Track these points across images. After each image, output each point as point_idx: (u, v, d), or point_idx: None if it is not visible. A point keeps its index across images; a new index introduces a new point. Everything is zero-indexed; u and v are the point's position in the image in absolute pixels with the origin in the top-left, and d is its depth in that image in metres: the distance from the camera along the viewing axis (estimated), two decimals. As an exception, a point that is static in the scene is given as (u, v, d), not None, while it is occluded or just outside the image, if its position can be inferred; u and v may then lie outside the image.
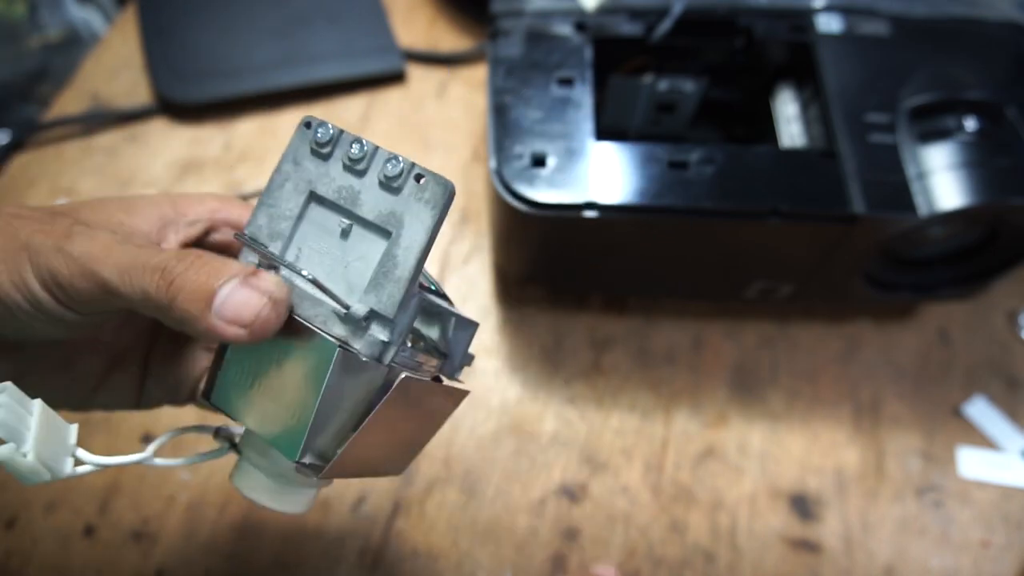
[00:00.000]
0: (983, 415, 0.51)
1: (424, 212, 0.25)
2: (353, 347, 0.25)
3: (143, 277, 0.25)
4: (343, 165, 0.27)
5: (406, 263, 0.25)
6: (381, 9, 0.68)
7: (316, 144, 0.27)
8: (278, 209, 0.27)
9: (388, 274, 0.25)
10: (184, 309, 0.24)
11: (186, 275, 0.25)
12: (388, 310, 0.25)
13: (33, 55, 0.68)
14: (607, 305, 0.55)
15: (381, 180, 0.26)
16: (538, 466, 0.49)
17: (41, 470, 0.23)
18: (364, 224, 0.26)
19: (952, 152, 0.43)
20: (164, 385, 0.33)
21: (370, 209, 0.26)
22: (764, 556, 0.46)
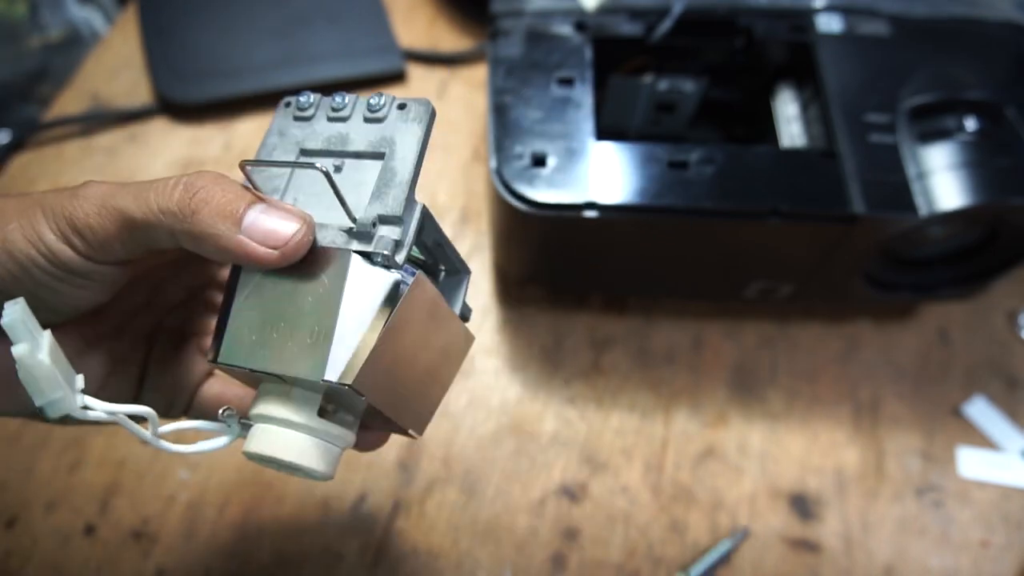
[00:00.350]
0: (983, 415, 0.51)
1: (413, 127, 0.27)
2: (367, 249, 0.25)
3: (162, 194, 0.24)
4: (327, 118, 0.28)
5: (404, 169, 0.26)
6: (381, 9, 0.68)
7: (299, 110, 0.29)
8: (270, 171, 0.28)
9: (389, 182, 0.26)
10: (209, 223, 0.24)
11: (209, 189, 0.25)
12: (395, 209, 0.26)
13: (33, 55, 0.68)
14: (607, 305, 0.55)
15: (366, 116, 0.28)
16: (538, 466, 0.49)
17: (58, 382, 0.22)
18: (356, 156, 0.28)
19: (952, 152, 0.43)
20: (160, 393, 0.33)
21: (360, 143, 0.27)
22: (764, 556, 0.46)
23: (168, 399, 0.33)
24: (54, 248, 0.25)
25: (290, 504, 0.47)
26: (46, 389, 0.22)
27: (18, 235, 0.25)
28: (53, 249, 0.25)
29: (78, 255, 0.25)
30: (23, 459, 0.48)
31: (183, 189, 0.25)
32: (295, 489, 0.47)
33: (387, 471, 0.48)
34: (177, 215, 0.24)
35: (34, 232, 0.25)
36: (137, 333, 0.32)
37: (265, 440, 0.26)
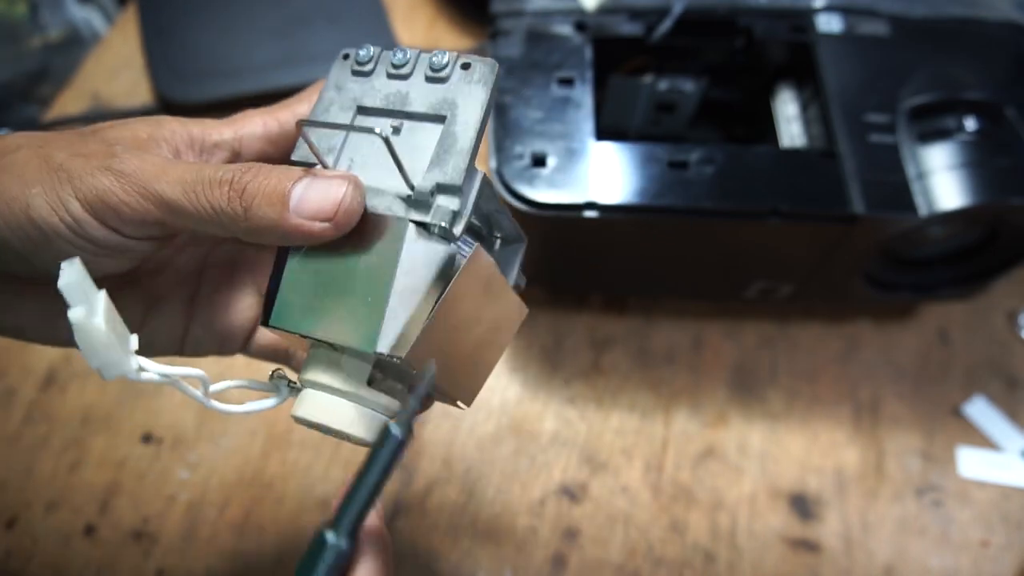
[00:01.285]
0: (983, 415, 0.51)
1: (476, 90, 0.26)
2: (424, 220, 0.25)
3: (211, 191, 0.24)
4: (387, 75, 0.27)
5: (466, 135, 0.25)
6: (381, 9, 0.68)
7: (357, 64, 0.28)
8: (327, 134, 0.27)
9: (449, 149, 0.25)
10: (260, 216, 0.24)
11: (256, 181, 0.24)
12: (455, 179, 0.25)
13: (34, 55, 0.68)
14: (607, 305, 0.55)
15: (427, 75, 0.26)
16: (538, 466, 0.49)
17: (113, 345, 0.21)
18: (416, 118, 0.27)
19: (952, 152, 0.43)
20: (211, 332, 0.31)
21: (420, 104, 0.26)
22: (764, 556, 0.46)
23: (219, 339, 0.31)
24: (81, 220, 0.24)
25: (290, 504, 0.47)
26: (101, 352, 0.21)
27: (41, 201, 0.23)
28: (80, 221, 0.24)
29: (107, 228, 0.24)
30: (23, 459, 0.48)
31: (230, 188, 0.24)
32: (295, 489, 0.47)
33: (387, 471, 0.48)
34: (227, 213, 0.24)
35: (59, 201, 0.23)
36: (181, 270, 0.31)
37: (314, 406, 0.26)
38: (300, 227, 0.24)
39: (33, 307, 0.27)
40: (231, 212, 0.24)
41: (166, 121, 0.27)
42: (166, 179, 0.24)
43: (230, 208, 0.24)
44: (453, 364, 0.27)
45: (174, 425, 0.49)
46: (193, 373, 0.25)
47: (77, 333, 0.21)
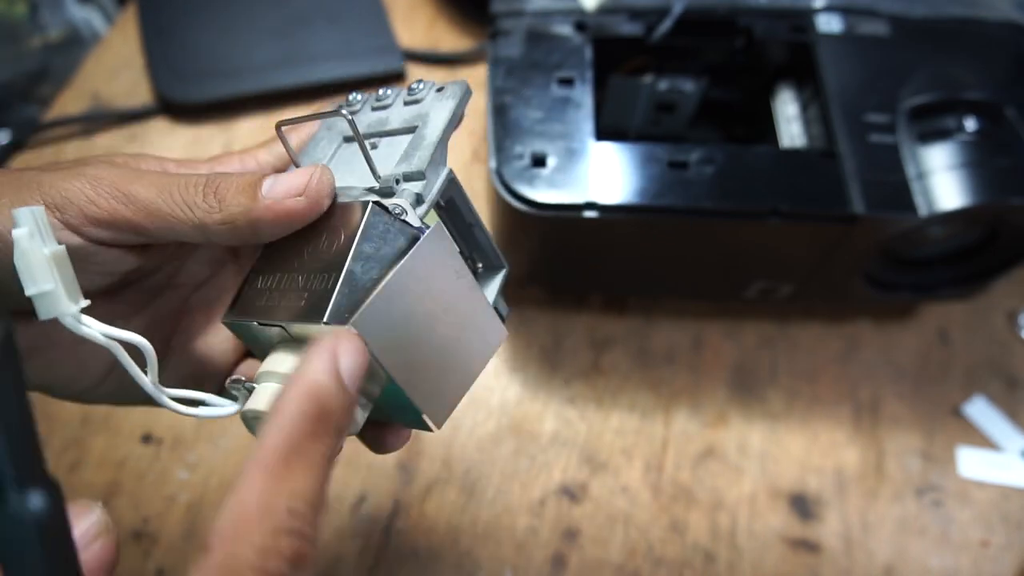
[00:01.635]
0: (983, 415, 0.51)
1: (447, 103, 0.27)
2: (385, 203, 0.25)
3: (185, 189, 0.24)
4: (371, 108, 0.29)
5: (433, 133, 0.27)
6: (381, 9, 0.68)
7: (348, 107, 0.30)
8: (313, 157, 0.29)
9: (417, 146, 0.26)
10: (234, 204, 0.24)
11: (229, 178, 0.25)
12: (419, 166, 0.26)
13: (34, 55, 0.68)
14: (607, 305, 0.55)
15: (405, 100, 0.29)
16: (538, 466, 0.49)
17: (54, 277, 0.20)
18: (392, 134, 0.28)
19: (952, 152, 0.43)
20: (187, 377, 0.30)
21: (396, 123, 0.28)
22: (764, 556, 0.46)
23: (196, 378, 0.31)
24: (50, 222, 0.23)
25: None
26: (39, 278, 0.20)
27: (7, 212, 0.23)
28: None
29: (78, 236, 0.24)
30: (23, 459, 0.48)
31: (205, 185, 0.25)
32: (295, 489, 0.47)
33: (387, 472, 0.48)
34: (204, 207, 0.24)
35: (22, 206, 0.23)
36: (157, 314, 0.30)
37: (261, 396, 0.24)
38: (271, 207, 0.24)
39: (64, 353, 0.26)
40: (205, 206, 0.24)
41: (144, 157, 0.28)
42: (140, 183, 0.24)
43: (204, 202, 0.24)
44: (416, 359, 0.25)
45: (174, 425, 0.49)
46: (136, 340, 0.24)
47: (17, 252, 0.20)
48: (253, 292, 0.26)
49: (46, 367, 0.27)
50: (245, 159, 0.30)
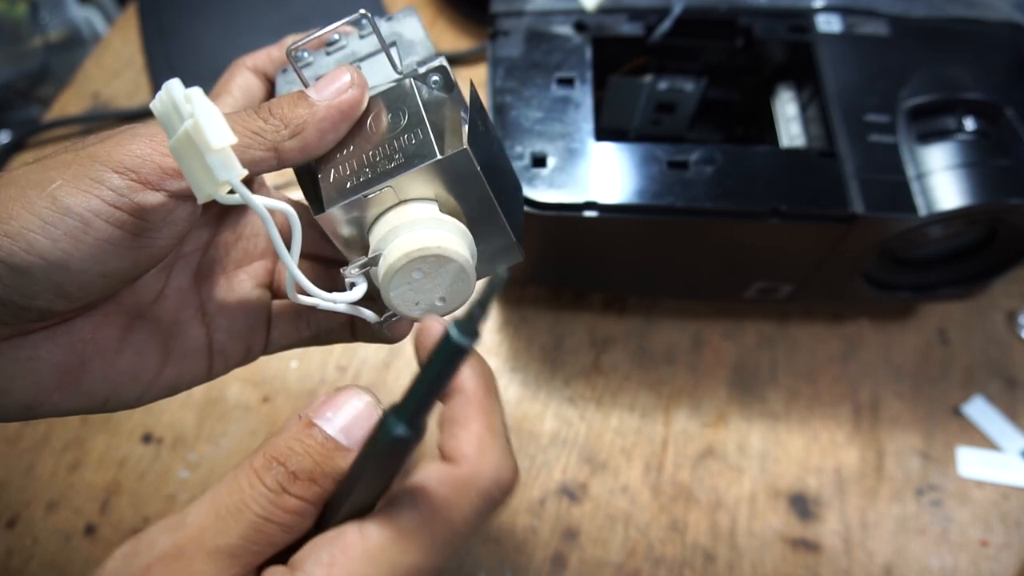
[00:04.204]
0: (982, 415, 0.51)
1: (408, 19, 0.31)
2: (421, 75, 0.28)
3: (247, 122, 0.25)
4: (326, 54, 0.31)
5: (418, 34, 0.30)
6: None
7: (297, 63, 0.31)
8: None
9: (412, 46, 0.29)
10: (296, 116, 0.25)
11: (274, 101, 0.26)
12: (429, 51, 0.29)
13: (34, 55, 0.68)
14: (607, 305, 0.55)
15: (361, 35, 0.31)
16: (538, 466, 0.49)
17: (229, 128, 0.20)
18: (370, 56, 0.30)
19: (951, 152, 0.43)
20: (233, 335, 0.30)
21: (368, 49, 0.30)
22: (764, 556, 0.46)
23: (244, 340, 0.31)
24: (124, 189, 0.22)
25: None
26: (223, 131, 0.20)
27: (70, 188, 0.22)
28: (123, 190, 0.22)
29: (155, 190, 0.23)
30: (24, 459, 0.48)
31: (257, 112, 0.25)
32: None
33: (387, 471, 0.48)
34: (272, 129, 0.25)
35: (91, 181, 0.22)
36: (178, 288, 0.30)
37: (399, 247, 0.25)
38: (331, 106, 0.25)
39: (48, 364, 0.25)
40: (271, 127, 0.25)
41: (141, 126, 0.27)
42: None
43: (269, 124, 0.25)
44: (498, 189, 0.27)
45: (174, 425, 0.49)
46: (281, 207, 0.23)
47: (199, 106, 0.20)
48: (333, 183, 0.26)
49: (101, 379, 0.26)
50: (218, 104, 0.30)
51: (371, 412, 0.24)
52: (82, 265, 0.23)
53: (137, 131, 0.24)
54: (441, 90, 0.28)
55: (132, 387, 0.28)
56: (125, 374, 0.27)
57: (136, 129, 0.24)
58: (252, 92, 0.32)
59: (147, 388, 0.28)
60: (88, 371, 0.26)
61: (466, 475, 0.22)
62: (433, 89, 0.28)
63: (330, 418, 0.23)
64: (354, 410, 0.23)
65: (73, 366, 0.26)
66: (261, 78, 0.32)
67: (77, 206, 0.22)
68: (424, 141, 0.26)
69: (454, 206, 0.27)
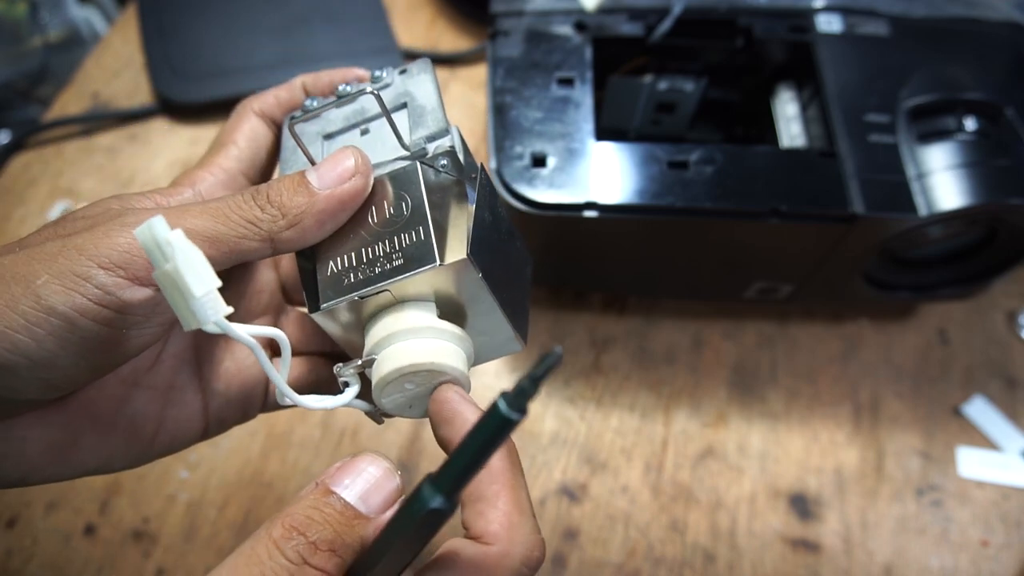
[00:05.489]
0: (982, 415, 0.51)
1: (422, 77, 0.29)
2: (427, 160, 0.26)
3: (240, 208, 0.24)
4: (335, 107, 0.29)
5: (430, 100, 0.28)
6: (381, 9, 0.68)
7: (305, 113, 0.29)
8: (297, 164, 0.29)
9: (422, 114, 0.28)
10: (295, 205, 0.24)
11: (273, 185, 0.25)
12: (440, 124, 0.27)
13: (34, 55, 0.68)
14: (607, 305, 0.55)
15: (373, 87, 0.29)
16: (538, 466, 0.49)
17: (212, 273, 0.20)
18: (379, 117, 0.29)
19: (952, 152, 0.43)
20: (229, 399, 0.30)
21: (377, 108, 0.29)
22: (764, 556, 0.46)
23: (240, 403, 0.31)
24: (110, 286, 0.22)
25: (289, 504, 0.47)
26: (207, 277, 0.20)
27: (55, 286, 0.21)
28: (109, 287, 0.22)
29: (142, 285, 0.22)
30: (23, 459, 0.48)
31: (253, 198, 0.24)
32: (295, 489, 0.47)
33: (387, 471, 0.48)
34: (268, 218, 0.24)
35: (77, 278, 0.21)
36: (175, 352, 0.30)
37: (392, 358, 0.25)
38: (332, 196, 0.25)
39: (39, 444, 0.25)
40: (268, 217, 0.24)
41: (126, 195, 0.27)
42: (190, 215, 0.23)
43: (265, 214, 0.24)
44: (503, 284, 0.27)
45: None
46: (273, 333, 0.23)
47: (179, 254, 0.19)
48: (331, 278, 0.26)
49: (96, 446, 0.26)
50: (212, 170, 0.29)
51: (389, 479, 0.23)
52: (68, 361, 0.22)
53: (126, 220, 0.23)
54: (449, 172, 0.26)
55: (125, 456, 0.28)
56: (118, 445, 0.27)
57: (125, 218, 0.23)
58: (258, 141, 0.31)
59: (141, 454, 0.28)
60: (81, 447, 0.26)
61: (496, 555, 0.22)
62: (441, 172, 0.26)
63: (348, 485, 0.22)
64: (372, 477, 0.23)
65: (66, 443, 0.26)
66: (268, 123, 0.31)
67: (61, 305, 0.21)
68: (424, 242, 0.25)
69: (455, 304, 0.26)
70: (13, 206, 0.58)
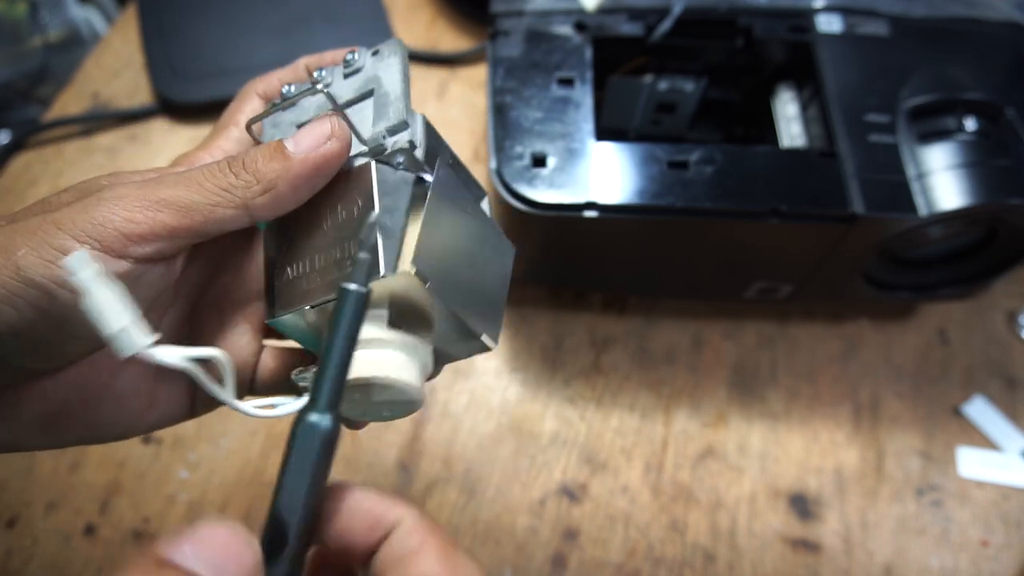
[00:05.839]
0: (982, 415, 0.51)
1: (391, 61, 0.28)
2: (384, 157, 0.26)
3: (215, 176, 0.24)
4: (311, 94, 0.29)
5: (395, 88, 0.27)
6: (381, 9, 0.68)
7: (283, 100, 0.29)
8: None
9: (385, 103, 0.27)
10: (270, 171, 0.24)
11: (249, 152, 0.25)
12: (398, 117, 0.26)
13: (34, 55, 0.68)
14: (607, 305, 0.55)
15: (344, 74, 0.29)
16: (538, 466, 0.49)
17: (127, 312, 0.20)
18: (348, 104, 0.28)
19: (952, 152, 0.43)
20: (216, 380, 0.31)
21: (347, 94, 0.28)
22: (764, 556, 0.46)
23: None
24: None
25: (290, 504, 0.47)
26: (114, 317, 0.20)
27: (32, 258, 0.22)
28: None
29: (117, 258, 0.23)
30: (23, 459, 0.48)
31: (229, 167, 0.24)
32: (295, 489, 0.47)
33: (387, 471, 0.48)
34: (243, 184, 0.24)
35: (52, 249, 0.22)
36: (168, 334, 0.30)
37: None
38: (307, 160, 0.24)
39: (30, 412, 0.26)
40: (242, 183, 0.24)
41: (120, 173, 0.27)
42: (165, 186, 0.24)
43: (239, 180, 0.24)
44: (462, 283, 0.26)
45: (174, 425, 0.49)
46: (213, 354, 0.23)
47: (87, 298, 0.20)
48: (287, 283, 0.26)
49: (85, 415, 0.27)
50: (211, 151, 0.29)
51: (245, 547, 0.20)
52: (51, 333, 0.23)
53: (103, 195, 0.23)
54: (407, 170, 0.26)
55: (114, 429, 0.28)
56: (108, 419, 0.27)
57: (103, 193, 0.23)
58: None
59: (129, 428, 0.28)
60: (72, 417, 0.26)
61: None
62: (398, 168, 0.26)
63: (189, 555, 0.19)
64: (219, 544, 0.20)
65: (58, 414, 0.26)
66: None
67: (39, 277, 0.22)
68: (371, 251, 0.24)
69: (415, 309, 0.26)
70: (13, 206, 0.58)
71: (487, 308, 0.28)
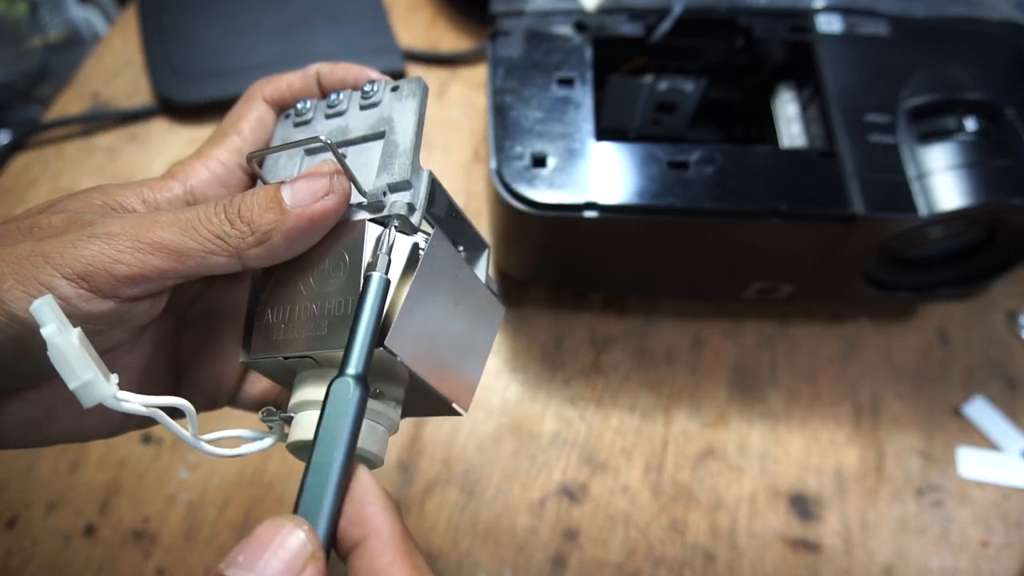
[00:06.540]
0: (983, 415, 0.51)
1: (408, 103, 0.27)
2: (380, 217, 0.25)
3: (208, 222, 0.23)
4: (325, 116, 0.28)
5: (405, 139, 0.26)
6: (381, 9, 0.68)
7: (297, 116, 0.29)
8: (278, 175, 0.28)
9: (392, 154, 0.26)
10: (264, 222, 0.24)
11: (246, 199, 0.24)
12: (402, 175, 0.25)
13: (34, 55, 0.68)
14: (607, 305, 0.55)
15: (361, 104, 0.28)
16: (538, 466, 0.49)
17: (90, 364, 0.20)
18: (358, 142, 0.28)
19: (952, 152, 0.43)
20: (200, 392, 0.31)
21: (359, 129, 0.28)
22: (764, 556, 0.46)
23: (209, 396, 0.31)
24: (73, 297, 0.22)
25: (290, 504, 0.47)
26: (78, 370, 0.20)
27: (17, 292, 0.21)
28: (72, 299, 0.22)
29: (106, 298, 0.23)
30: (23, 459, 0.48)
31: (224, 213, 0.24)
32: (295, 489, 0.47)
33: (387, 471, 0.48)
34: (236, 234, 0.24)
35: (38, 285, 0.22)
36: (156, 336, 0.30)
37: (302, 426, 0.25)
38: (303, 214, 0.24)
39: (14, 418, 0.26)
40: (236, 232, 0.24)
41: (111, 188, 0.27)
42: (158, 227, 0.23)
43: (234, 229, 0.24)
44: (439, 356, 0.26)
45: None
46: (178, 403, 0.23)
47: (52, 349, 0.20)
48: (266, 326, 0.26)
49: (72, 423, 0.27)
50: (208, 163, 0.29)
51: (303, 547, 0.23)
52: (32, 364, 0.22)
53: (96, 231, 0.23)
54: (401, 231, 0.25)
55: (98, 430, 0.28)
56: (92, 421, 0.27)
57: (95, 228, 0.23)
58: (265, 130, 0.30)
59: (113, 430, 0.29)
60: (56, 421, 0.26)
61: None
62: (393, 230, 0.25)
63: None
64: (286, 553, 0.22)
65: (39, 418, 0.26)
66: (278, 112, 0.31)
67: (23, 312, 0.21)
68: (346, 316, 0.24)
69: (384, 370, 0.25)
70: (13, 206, 0.58)
71: (464, 374, 0.28)
